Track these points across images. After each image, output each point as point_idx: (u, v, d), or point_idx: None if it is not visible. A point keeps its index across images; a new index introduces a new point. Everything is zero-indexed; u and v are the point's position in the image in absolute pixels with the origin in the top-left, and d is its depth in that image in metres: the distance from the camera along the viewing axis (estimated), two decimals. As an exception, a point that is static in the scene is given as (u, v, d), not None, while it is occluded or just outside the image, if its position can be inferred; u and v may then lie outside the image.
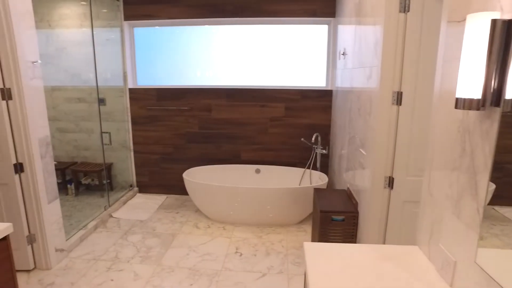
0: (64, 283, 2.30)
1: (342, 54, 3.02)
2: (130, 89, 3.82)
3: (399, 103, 1.86)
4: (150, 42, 3.80)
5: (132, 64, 3.84)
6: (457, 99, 0.90)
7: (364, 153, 2.18)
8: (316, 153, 3.53)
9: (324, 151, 3.47)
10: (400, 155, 1.92)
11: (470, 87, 0.85)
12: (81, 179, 4.01)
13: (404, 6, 1.76)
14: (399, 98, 1.86)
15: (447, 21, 1.10)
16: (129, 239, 2.94)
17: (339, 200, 2.46)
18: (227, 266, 2.52)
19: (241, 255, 2.68)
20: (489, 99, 0.84)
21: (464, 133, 0.99)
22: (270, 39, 3.63)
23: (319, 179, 3.42)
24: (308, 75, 3.67)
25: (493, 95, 0.83)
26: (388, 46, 1.82)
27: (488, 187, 0.86)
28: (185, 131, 3.84)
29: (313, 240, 2.70)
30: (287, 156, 3.78)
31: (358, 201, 2.29)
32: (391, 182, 1.95)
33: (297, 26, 3.58)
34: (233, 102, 3.72)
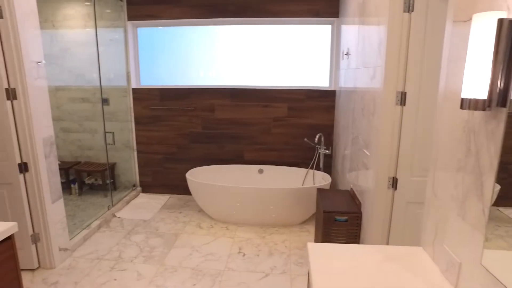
0: (68, 282, 2.31)
1: (346, 54, 3.01)
2: (133, 89, 3.84)
3: (403, 103, 1.85)
4: (154, 42, 3.81)
5: (136, 64, 3.85)
6: (462, 99, 0.90)
7: (367, 153, 2.17)
8: (319, 153, 3.52)
9: (327, 151, 3.47)
10: (404, 155, 1.91)
11: (476, 87, 0.84)
12: (84, 178, 4.03)
13: (408, 6, 1.75)
14: (403, 98, 1.85)
15: (453, 21, 1.09)
16: (132, 238, 2.95)
17: (343, 200, 2.46)
18: (230, 266, 2.52)
19: (244, 255, 2.68)
20: (495, 99, 0.83)
21: (469, 134, 0.99)
22: (273, 39, 3.63)
23: (322, 179, 3.41)
24: (311, 75, 3.67)
25: (499, 96, 0.82)
26: (392, 46, 1.81)
27: (494, 187, 0.86)
28: (188, 131, 3.85)
29: (316, 240, 2.69)
30: (290, 156, 3.77)
31: (361, 202, 2.28)
32: (394, 183, 1.94)
33: (300, 26, 3.58)
34: (236, 102, 3.72)
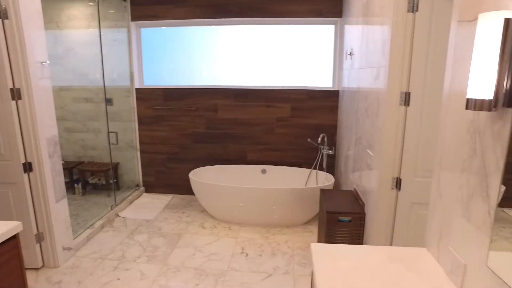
0: (71, 281, 2.32)
1: (349, 54, 3.00)
2: (136, 89, 3.85)
3: (407, 103, 1.85)
4: (157, 43, 3.82)
5: (139, 64, 3.86)
6: (468, 99, 0.89)
7: (371, 154, 2.16)
8: (323, 153, 3.51)
9: (330, 151, 3.46)
10: (408, 156, 1.90)
11: (482, 87, 0.84)
12: (88, 178, 4.05)
13: (413, 5, 1.74)
14: (407, 99, 1.84)
15: (458, 20, 1.08)
16: (135, 238, 2.96)
17: (346, 201, 2.45)
18: (233, 266, 2.52)
19: (247, 255, 2.68)
20: (501, 99, 0.83)
21: (474, 134, 0.98)
22: (276, 39, 3.63)
23: (325, 179, 3.40)
24: (315, 76, 3.66)
25: (506, 96, 0.82)
26: (396, 46, 1.80)
27: (500, 189, 0.85)
28: (191, 131, 3.86)
29: (319, 241, 2.69)
30: (293, 157, 3.77)
31: (365, 202, 2.27)
32: (398, 183, 1.94)
33: (303, 26, 3.57)
34: (239, 102, 3.72)
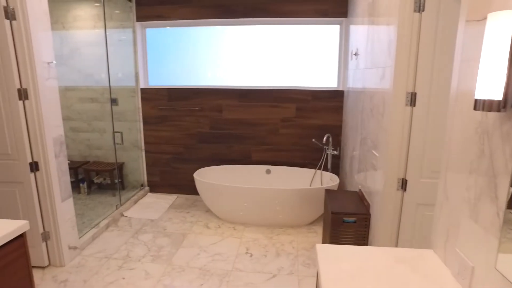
0: (77, 280, 2.33)
1: (354, 55, 2.99)
2: (141, 89, 3.86)
3: (413, 104, 1.83)
4: (162, 43, 3.84)
5: (144, 64, 3.88)
6: (476, 100, 0.88)
7: (376, 154, 2.15)
8: (327, 154, 3.50)
9: (335, 152, 3.45)
10: (414, 156, 1.89)
11: (490, 88, 0.83)
12: (93, 178, 4.07)
13: (419, 5, 1.73)
14: (413, 99, 1.83)
15: (466, 20, 1.07)
16: (140, 238, 2.97)
17: (351, 201, 2.44)
18: (238, 267, 2.52)
19: (251, 255, 2.68)
20: (510, 100, 0.82)
21: (482, 135, 0.97)
22: (281, 39, 3.62)
23: (330, 180, 3.39)
24: (320, 76, 3.65)
25: (515, 96, 0.81)
26: (402, 46, 1.79)
27: (509, 190, 0.84)
28: (196, 131, 3.86)
29: (323, 241, 2.68)
30: (298, 157, 3.76)
31: (370, 203, 2.26)
32: (404, 184, 1.92)
33: (308, 26, 3.56)
34: (244, 103, 3.72)
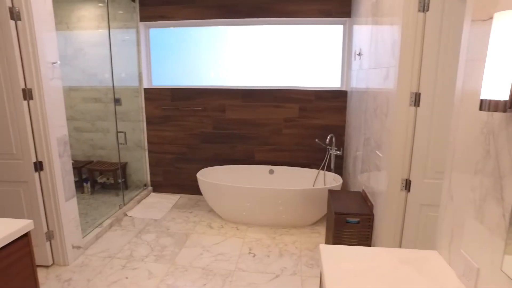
0: (80, 279, 2.34)
1: (358, 55, 2.98)
2: (145, 89, 3.87)
3: (417, 104, 1.83)
4: (165, 43, 3.84)
5: (147, 64, 3.89)
6: (481, 100, 0.88)
7: (380, 155, 2.14)
8: (330, 154, 3.50)
9: (338, 152, 3.44)
10: (418, 157, 1.88)
11: (497, 88, 0.82)
12: (96, 177, 4.09)
13: (424, 5, 1.72)
14: (417, 99, 1.82)
15: (471, 20, 1.07)
16: (143, 238, 2.97)
17: (354, 202, 2.43)
18: (240, 267, 2.52)
19: (254, 255, 2.68)
20: (516, 100, 0.81)
21: (488, 135, 0.96)
22: (284, 39, 3.62)
23: (333, 180, 3.38)
24: (323, 76, 3.64)
25: (521, 97, 0.80)
26: (406, 46, 1.78)
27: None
28: (199, 131, 3.87)
29: (327, 242, 2.67)
30: (301, 157, 3.76)
31: (373, 204, 2.25)
32: (408, 185, 1.92)
33: (312, 26, 3.56)
34: (247, 103, 3.72)
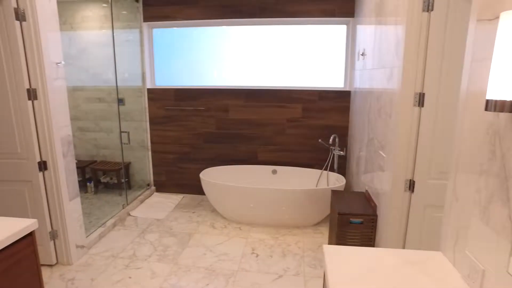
0: (84, 278, 2.35)
1: (361, 55, 2.97)
2: (148, 89, 3.88)
3: (421, 104, 1.82)
4: (168, 43, 3.85)
5: (151, 64, 3.90)
6: (487, 100, 0.87)
7: (383, 155, 2.13)
8: (334, 154, 3.49)
9: (341, 152, 3.43)
10: (422, 157, 1.87)
11: (503, 88, 0.81)
12: (100, 177, 4.10)
13: (428, 5, 1.71)
14: (421, 100, 1.82)
15: (477, 19, 1.06)
16: (146, 237, 2.98)
17: (357, 202, 2.43)
18: (243, 267, 2.52)
19: (257, 256, 2.68)
20: (523, 101, 0.80)
21: (494, 136, 0.95)
22: (288, 39, 3.62)
23: (336, 181, 3.37)
24: (326, 76, 3.64)
25: (528, 97, 0.79)
26: (410, 46, 1.78)
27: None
28: (202, 131, 3.87)
29: (330, 242, 2.67)
30: (304, 157, 3.75)
31: (377, 204, 2.25)
32: (411, 185, 1.91)
33: (315, 26, 3.55)
34: (250, 103, 3.72)
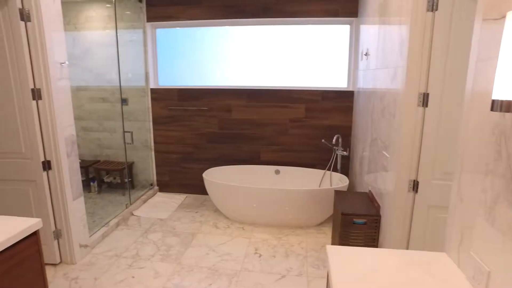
0: (87, 278, 2.36)
1: (365, 55, 2.97)
2: (151, 89, 3.89)
3: (425, 104, 1.81)
4: (172, 43, 3.86)
5: (154, 64, 3.91)
6: (493, 101, 0.86)
7: (387, 155, 2.13)
8: (337, 154, 3.48)
9: (345, 152, 3.42)
10: (426, 158, 1.86)
11: (509, 88, 0.81)
12: (103, 177, 4.12)
13: (432, 4, 1.71)
14: (425, 100, 1.81)
15: (482, 19, 1.05)
16: (149, 237, 2.99)
17: (361, 203, 2.42)
18: (246, 267, 2.52)
19: (260, 256, 2.68)
20: (529, 101, 0.80)
21: (499, 136, 0.95)
22: (291, 39, 3.61)
23: (339, 181, 3.37)
24: (329, 76, 3.63)
25: (534, 97, 0.79)
26: (414, 46, 1.77)
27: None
28: (205, 131, 3.88)
29: (333, 243, 2.66)
30: (307, 158, 3.74)
31: (380, 205, 2.24)
32: (415, 186, 1.90)
33: (319, 26, 3.54)
34: (253, 103, 3.72)
